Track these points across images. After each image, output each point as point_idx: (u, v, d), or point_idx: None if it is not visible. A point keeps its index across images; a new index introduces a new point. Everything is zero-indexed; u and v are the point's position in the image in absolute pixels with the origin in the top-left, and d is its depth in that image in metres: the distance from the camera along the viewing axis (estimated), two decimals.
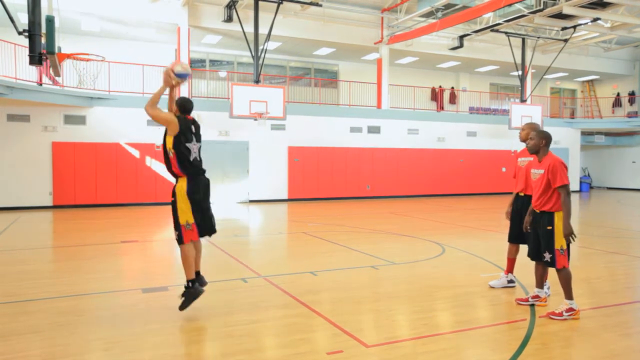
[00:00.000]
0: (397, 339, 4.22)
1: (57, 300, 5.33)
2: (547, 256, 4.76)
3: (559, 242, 4.70)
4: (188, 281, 4.66)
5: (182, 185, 4.61)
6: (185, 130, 4.56)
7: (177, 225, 4.62)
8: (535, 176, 4.92)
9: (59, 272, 6.98)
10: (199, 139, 4.75)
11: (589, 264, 7.23)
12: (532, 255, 4.98)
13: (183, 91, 16.85)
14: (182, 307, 4.64)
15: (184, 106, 4.71)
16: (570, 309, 4.67)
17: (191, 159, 4.60)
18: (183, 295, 4.67)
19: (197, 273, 4.80)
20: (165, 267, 7.31)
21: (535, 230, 4.91)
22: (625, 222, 12.97)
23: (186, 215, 4.59)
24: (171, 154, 4.56)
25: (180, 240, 4.63)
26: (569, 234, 4.61)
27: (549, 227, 4.72)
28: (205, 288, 4.82)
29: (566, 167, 4.75)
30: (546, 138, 4.88)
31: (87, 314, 4.89)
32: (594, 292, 5.72)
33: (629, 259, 7.73)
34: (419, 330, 4.40)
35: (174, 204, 4.65)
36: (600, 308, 5.07)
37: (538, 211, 4.85)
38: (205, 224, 4.73)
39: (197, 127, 4.79)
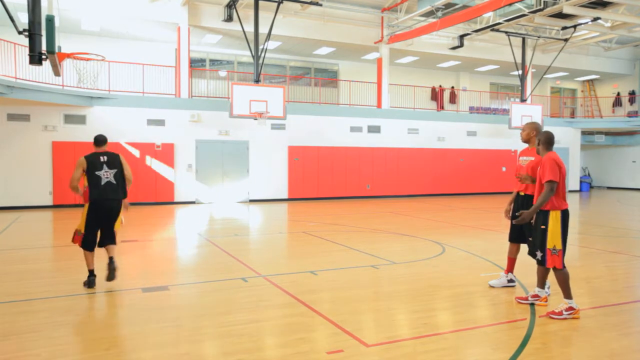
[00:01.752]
0: (397, 338, 4.22)
1: (58, 299, 5.33)
2: (539, 254, 4.80)
3: (552, 242, 4.71)
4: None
5: (85, 209, 5.89)
6: (93, 161, 5.80)
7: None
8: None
9: (59, 271, 6.98)
10: (112, 166, 5.87)
11: (589, 264, 7.23)
12: (530, 253, 5.01)
13: (184, 93, 16.88)
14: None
15: (95, 140, 6.06)
16: (570, 308, 4.67)
17: (102, 183, 5.77)
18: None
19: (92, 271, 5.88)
20: (165, 266, 7.31)
21: (532, 229, 4.95)
22: (625, 222, 12.97)
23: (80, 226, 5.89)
24: (85, 185, 5.84)
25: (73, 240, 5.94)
26: (523, 218, 4.78)
27: (543, 226, 4.74)
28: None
29: (558, 165, 4.70)
30: (544, 137, 4.92)
31: (87, 314, 4.89)
32: (594, 292, 5.72)
33: (629, 258, 7.73)
34: (419, 330, 4.40)
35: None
36: (601, 307, 5.08)
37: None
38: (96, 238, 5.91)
39: (111, 156, 5.95)
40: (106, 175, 5.80)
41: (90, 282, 5.75)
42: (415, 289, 5.79)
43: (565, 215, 4.76)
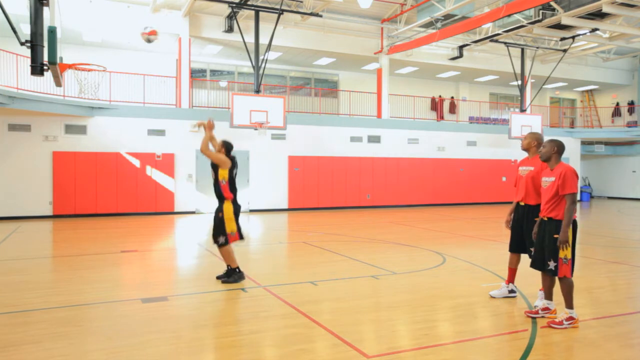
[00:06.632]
0: (398, 349, 4.19)
1: (57, 310, 5.30)
2: (552, 264, 4.73)
3: (564, 251, 4.68)
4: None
5: (229, 206, 6.46)
6: (234, 165, 6.52)
7: (224, 232, 6.42)
8: (545, 184, 4.90)
9: (59, 282, 6.95)
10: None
11: (590, 274, 7.21)
12: (536, 265, 4.96)
13: (184, 103, 16.93)
14: (225, 281, 6.48)
15: (228, 149, 6.52)
16: (570, 318, 4.66)
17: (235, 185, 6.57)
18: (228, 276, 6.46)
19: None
20: (165, 276, 7.29)
21: (540, 239, 4.89)
22: (626, 232, 12.94)
23: (231, 226, 6.42)
24: (224, 182, 6.38)
25: (226, 243, 6.42)
26: (563, 242, 4.62)
27: (556, 236, 4.70)
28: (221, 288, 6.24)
29: (577, 177, 4.75)
30: (558, 146, 4.86)
31: (86, 324, 4.87)
32: (596, 302, 5.69)
33: (631, 268, 7.70)
34: (420, 341, 4.38)
35: (221, 219, 6.44)
36: (602, 318, 5.04)
37: (545, 218, 4.83)
38: (240, 231, 6.61)
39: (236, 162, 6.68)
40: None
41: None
42: (416, 299, 5.77)
43: (575, 225, 4.76)
